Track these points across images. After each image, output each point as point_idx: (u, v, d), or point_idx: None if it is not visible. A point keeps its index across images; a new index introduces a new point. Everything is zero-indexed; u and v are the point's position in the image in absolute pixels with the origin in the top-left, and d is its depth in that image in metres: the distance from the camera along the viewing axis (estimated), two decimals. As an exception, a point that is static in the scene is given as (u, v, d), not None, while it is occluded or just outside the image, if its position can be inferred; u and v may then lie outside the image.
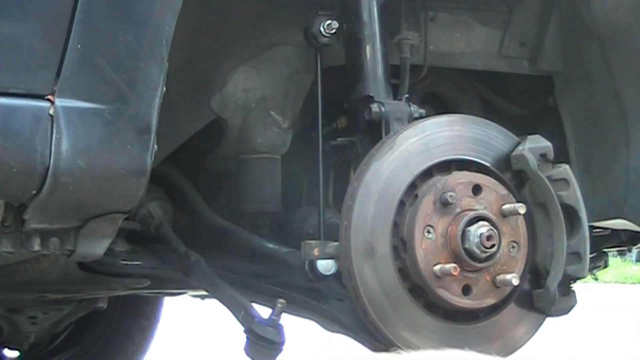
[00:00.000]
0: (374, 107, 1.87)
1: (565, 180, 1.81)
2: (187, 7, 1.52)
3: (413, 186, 1.75)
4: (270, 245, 2.02)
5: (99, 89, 1.43)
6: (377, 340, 1.78)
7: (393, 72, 1.98)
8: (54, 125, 1.38)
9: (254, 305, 1.83)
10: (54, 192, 1.40)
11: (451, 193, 1.71)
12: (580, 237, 1.82)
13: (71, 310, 2.72)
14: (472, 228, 1.69)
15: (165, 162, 2.04)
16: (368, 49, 1.94)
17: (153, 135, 1.46)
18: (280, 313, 1.77)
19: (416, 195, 1.74)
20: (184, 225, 2.20)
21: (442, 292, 1.69)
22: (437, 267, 1.68)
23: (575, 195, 1.81)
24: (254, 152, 2.11)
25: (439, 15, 2.16)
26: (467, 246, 1.69)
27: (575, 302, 1.85)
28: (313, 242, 1.83)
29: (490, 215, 1.72)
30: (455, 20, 2.19)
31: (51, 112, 1.38)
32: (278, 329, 1.76)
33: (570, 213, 1.81)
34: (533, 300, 1.82)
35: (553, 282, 1.79)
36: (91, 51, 1.42)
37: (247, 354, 1.78)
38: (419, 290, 1.72)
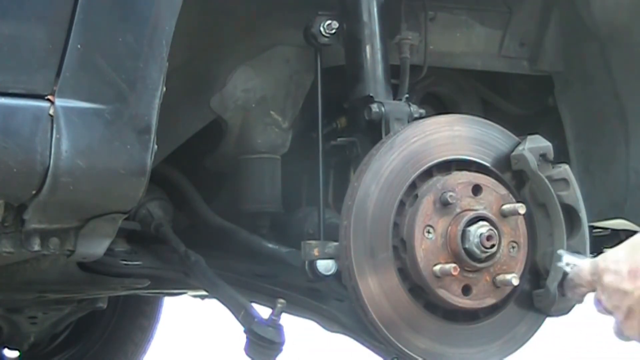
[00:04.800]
0: (374, 107, 1.87)
1: (565, 180, 1.81)
2: (187, 7, 1.52)
3: (413, 186, 1.75)
4: (270, 245, 2.03)
5: (99, 89, 1.43)
6: (377, 341, 1.78)
7: (393, 72, 1.98)
8: (54, 125, 1.38)
9: (254, 305, 1.83)
10: (54, 192, 1.40)
11: (451, 193, 1.70)
12: (580, 237, 1.82)
13: (71, 310, 2.73)
14: (472, 228, 1.69)
15: (165, 162, 2.04)
16: (368, 49, 1.94)
17: (153, 135, 1.46)
18: (280, 313, 1.77)
19: (416, 195, 1.73)
20: (184, 225, 2.21)
21: (442, 292, 1.69)
22: (437, 267, 1.68)
23: (575, 195, 1.81)
24: (254, 152, 2.11)
25: (439, 15, 2.16)
26: (467, 246, 1.69)
27: (575, 302, 1.85)
28: (313, 242, 1.83)
29: (490, 215, 1.72)
30: (455, 20, 2.19)
31: (51, 112, 1.38)
32: (278, 329, 1.76)
33: (570, 213, 1.81)
34: (533, 300, 1.82)
35: (553, 282, 1.79)
36: (91, 51, 1.42)
37: (247, 354, 1.78)
38: (419, 290, 1.72)
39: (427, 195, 1.71)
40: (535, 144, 1.81)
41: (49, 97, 1.39)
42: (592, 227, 2.12)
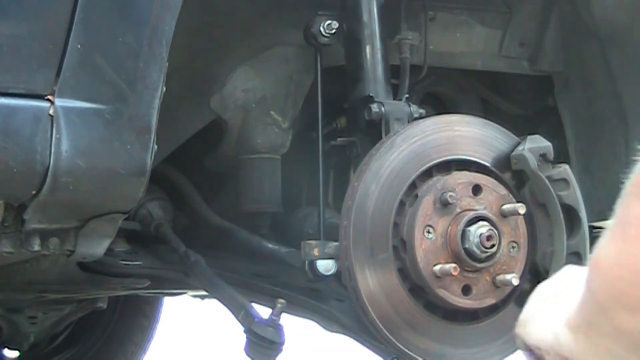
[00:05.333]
0: (374, 107, 1.87)
1: (565, 180, 1.81)
2: (187, 7, 1.52)
3: (413, 186, 1.75)
4: (270, 246, 2.02)
5: (99, 89, 1.42)
6: (377, 341, 1.78)
7: (393, 72, 1.98)
8: (54, 125, 1.38)
9: (254, 305, 1.83)
10: (54, 192, 1.40)
11: (451, 193, 1.70)
12: (580, 237, 1.82)
13: (71, 310, 2.72)
14: (472, 228, 1.69)
15: (165, 162, 2.04)
16: (368, 49, 1.93)
17: (153, 135, 1.46)
18: (280, 313, 1.76)
19: (416, 195, 1.73)
20: (184, 225, 2.20)
21: (442, 292, 1.69)
22: (437, 267, 1.68)
23: (575, 195, 1.81)
24: (254, 152, 2.11)
25: (439, 15, 2.16)
26: (467, 246, 1.69)
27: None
28: (313, 242, 1.83)
29: (490, 215, 1.72)
30: (455, 20, 2.19)
31: (51, 112, 1.38)
32: (278, 329, 1.76)
33: (570, 213, 1.81)
34: (533, 300, 1.82)
35: (553, 282, 1.79)
36: (91, 51, 1.41)
37: (247, 354, 1.78)
38: (419, 290, 1.72)
39: (427, 195, 1.71)
40: (535, 144, 1.81)
41: (49, 97, 1.39)
42: (592, 227, 2.11)
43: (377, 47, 1.94)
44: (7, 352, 2.94)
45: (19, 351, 2.94)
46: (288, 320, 1.80)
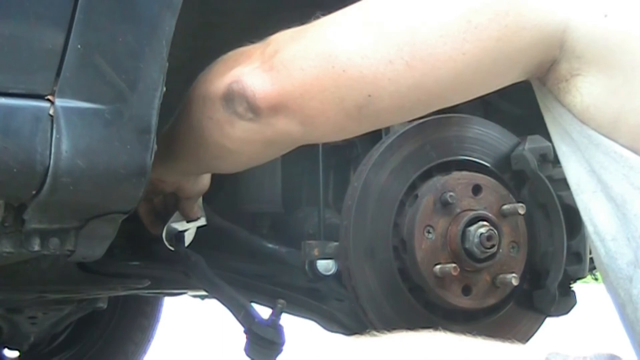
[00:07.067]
0: (374, 107, 1.86)
1: (565, 181, 1.81)
2: (187, 7, 1.52)
3: (413, 186, 1.75)
4: (270, 246, 2.02)
5: (99, 89, 1.42)
6: (377, 341, 1.77)
7: (393, 72, 1.97)
8: (54, 125, 1.38)
9: (254, 305, 1.83)
10: (54, 192, 1.40)
11: (451, 193, 1.70)
12: (580, 237, 1.82)
13: (71, 310, 2.73)
14: (472, 228, 1.69)
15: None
16: (368, 49, 1.93)
17: (153, 135, 1.46)
18: (280, 313, 1.76)
19: (416, 195, 1.73)
20: (183, 225, 2.20)
21: (442, 292, 1.69)
22: (437, 267, 1.68)
23: (575, 195, 1.81)
24: (254, 152, 2.11)
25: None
26: (467, 246, 1.69)
27: (575, 302, 1.85)
28: (313, 242, 1.83)
29: (490, 216, 1.72)
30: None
31: (51, 112, 1.38)
32: (278, 329, 1.76)
33: (570, 213, 1.81)
34: (533, 300, 1.82)
35: (553, 282, 1.79)
36: (91, 51, 1.41)
37: (247, 354, 1.78)
38: (419, 291, 1.72)
39: (427, 195, 1.71)
40: (535, 144, 1.81)
41: (49, 97, 1.39)
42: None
43: (377, 47, 1.93)
44: (7, 352, 2.94)
45: (19, 351, 2.94)
46: (288, 320, 1.80)
